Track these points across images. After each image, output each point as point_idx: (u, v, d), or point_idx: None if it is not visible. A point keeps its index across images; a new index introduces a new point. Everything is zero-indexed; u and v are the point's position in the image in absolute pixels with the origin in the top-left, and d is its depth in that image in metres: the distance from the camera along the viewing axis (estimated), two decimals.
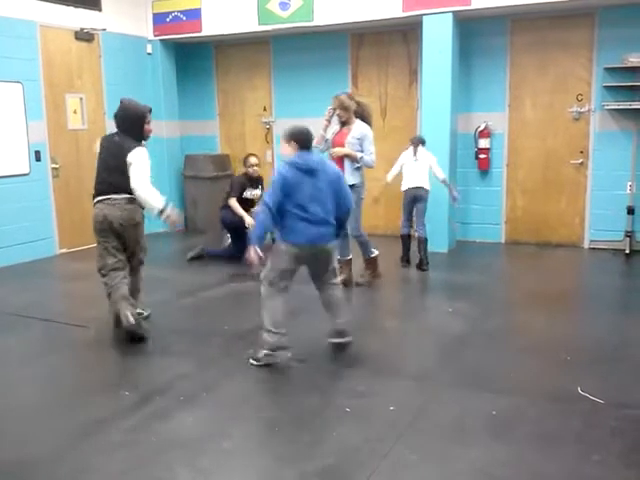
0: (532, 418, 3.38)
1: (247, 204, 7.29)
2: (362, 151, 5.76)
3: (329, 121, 5.91)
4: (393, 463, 2.97)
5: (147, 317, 5.12)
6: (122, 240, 4.83)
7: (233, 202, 7.19)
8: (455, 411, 3.48)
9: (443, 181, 6.80)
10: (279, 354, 4.10)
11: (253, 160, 7.35)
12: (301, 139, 4.13)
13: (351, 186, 5.80)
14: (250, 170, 7.31)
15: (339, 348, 4.30)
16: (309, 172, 4.05)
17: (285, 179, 4.00)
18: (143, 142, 4.84)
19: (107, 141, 4.92)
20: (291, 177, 4.01)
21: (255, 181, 7.43)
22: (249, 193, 7.34)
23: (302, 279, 4.35)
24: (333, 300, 4.31)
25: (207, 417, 3.47)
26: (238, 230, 7.19)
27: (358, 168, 5.82)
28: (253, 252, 3.94)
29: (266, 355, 4.09)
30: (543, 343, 4.52)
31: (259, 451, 3.17)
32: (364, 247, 6.07)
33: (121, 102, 4.88)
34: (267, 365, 4.07)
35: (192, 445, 3.16)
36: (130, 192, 4.70)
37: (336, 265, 4.38)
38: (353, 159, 5.76)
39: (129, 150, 4.69)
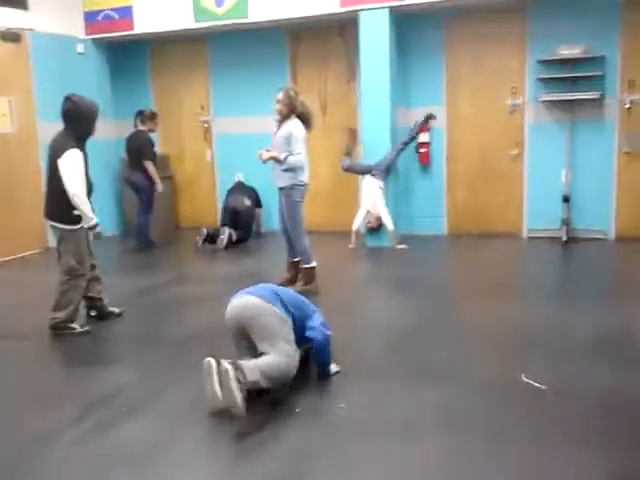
0: (479, 408, 3.40)
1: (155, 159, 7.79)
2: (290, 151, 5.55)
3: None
4: (344, 462, 2.94)
5: (120, 314, 5.16)
6: None
7: (151, 165, 7.66)
8: (405, 405, 3.48)
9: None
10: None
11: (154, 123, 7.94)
12: None
13: (280, 189, 5.73)
14: (155, 127, 7.93)
15: None
16: None
17: None
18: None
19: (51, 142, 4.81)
20: None
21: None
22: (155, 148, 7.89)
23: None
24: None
25: (152, 426, 3.36)
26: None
27: (288, 170, 5.57)
28: None
29: None
30: (486, 332, 4.58)
31: (208, 459, 3.09)
32: (301, 254, 5.77)
33: (69, 98, 4.72)
34: None
35: (137, 456, 3.05)
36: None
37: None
38: (277, 161, 5.58)
39: (57, 155, 4.62)
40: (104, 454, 3.09)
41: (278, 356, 3.52)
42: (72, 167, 4.60)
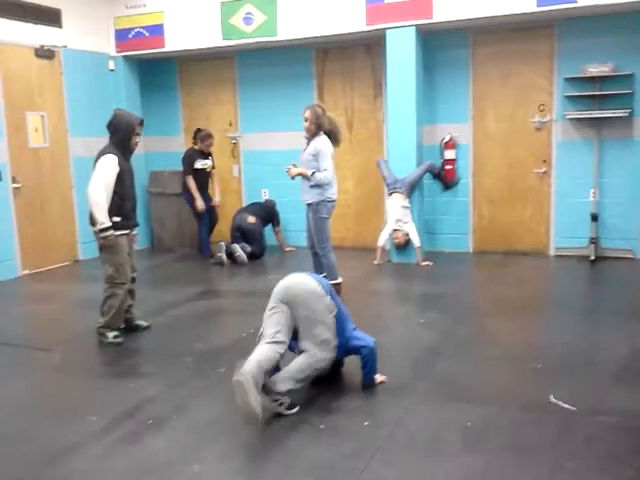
0: (506, 428, 3.37)
1: (201, 176, 8.11)
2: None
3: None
4: (369, 479, 2.94)
5: (147, 327, 5.26)
6: None
7: (190, 181, 8.03)
8: (430, 423, 3.47)
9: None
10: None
11: (212, 141, 8.26)
12: None
13: (308, 205, 5.78)
14: (205, 148, 8.18)
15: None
16: None
17: None
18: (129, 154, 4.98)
19: None
20: None
21: (205, 154, 8.22)
22: (200, 163, 8.11)
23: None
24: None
25: (178, 440, 3.39)
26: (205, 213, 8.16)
27: (315, 186, 5.65)
28: None
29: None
30: (514, 351, 4.54)
31: (233, 474, 3.10)
32: (328, 270, 5.83)
33: (114, 111, 4.98)
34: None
35: (163, 470, 3.08)
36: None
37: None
38: (305, 177, 5.67)
39: (98, 158, 4.82)
40: (129, 467, 3.12)
41: (311, 353, 3.66)
42: (100, 170, 4.78)
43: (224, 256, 7.80)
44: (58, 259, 7.99)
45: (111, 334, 4.93)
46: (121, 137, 4.88)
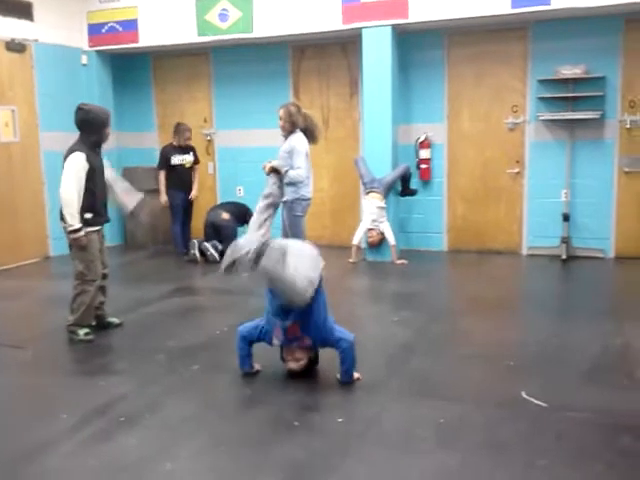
0: (479, 425, 3.39)
1: (179, 172, 8.00)
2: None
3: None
4: (343, 477, 2.93)
5: (119, 325, 5.19)
6: None
7: (160, 175, 7.99)
8: (404, 421, 3.47)
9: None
10: None
11: (188, 134, 8.10)
12: None
13: (282, 202, 5.73)
14: (182, 142, 8.04)
15: None
16: None
17: None
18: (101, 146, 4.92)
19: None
20: None
21: (183, 149, 8.06)
22: (177, 159, 7.98)
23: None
24: None
25: (150, 438, 3.35)
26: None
27: (290, 184, 5.61)
28: None
29: None
30: (486, 349, 4.57)
31: (205, 471, 3.07)
32: None
33: (81, 108, 4.86)
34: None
35: (135, 468, 3.04)
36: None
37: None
38: (278, 173, 5.61)
39: (66, 156, 4.75)
40: (100, 465, 3.07)
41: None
42: (69, 168, 4.71)
43: (197, 253, 7.75)
44: (28, 255, 7.84)
45: (82, 331, 4.86)
46: (96, 132, 4.80)
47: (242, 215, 8.27)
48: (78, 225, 4.70)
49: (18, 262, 7.68)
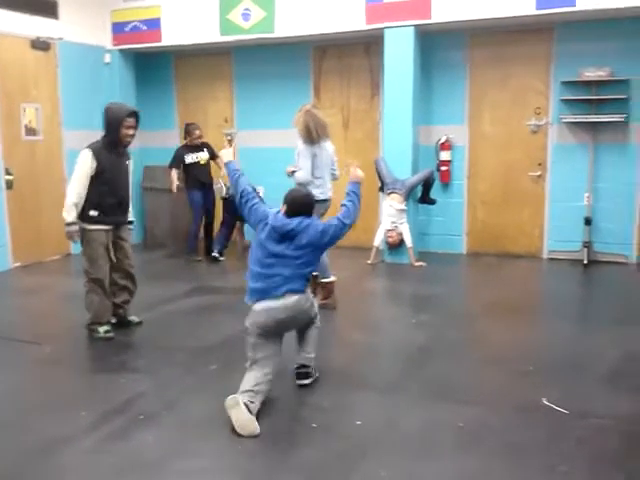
0: (498, 429, 3.37)
1: (195, 170, 7.96)
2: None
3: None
4: (361, 479, 2.92)
5: (139, 323, 5.21)
6: None
7: (172, 172, 7.97)
8: (422, 424, 3.46)
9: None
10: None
11: (198, 132, 8.05)
12: (291, 206, 3.84)
13: None
14: (190, 141, 8.03)
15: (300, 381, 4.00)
16: (282, 237, 3.77)
17: (266, 228, 3.79)
18: (122, 147, 4.93)
19: None
20: (265, 234, 3.79)
21: (196, 147, 8.03)
22: (190, 157, 7.96)
23: None
24: (308, 338, 4.03)
25: (168, 436, 3.36)
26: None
27: (301, 185, 5.46)
28: None
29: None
30: (506, 353, 4.54)
31: (223, 471, 3.08)
32: (320, 269, 5.61)
33: (105, 107, 4.90)
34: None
35: (152, 466, 3.05)
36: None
37: (316, 310, 4.01)
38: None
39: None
40: (119, 462, 3.09)
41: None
42: (76, 167, 4.78)
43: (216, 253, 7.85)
44: (49, 252, 7.93)
45: (102, 329, 4.89)
46: (111, 132, 4.82)
47: None
48: (70, 219, 4.73)
49: (40, 258, 7.77)
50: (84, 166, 4.75)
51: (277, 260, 3.72)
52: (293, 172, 5.65)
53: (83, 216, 4.80)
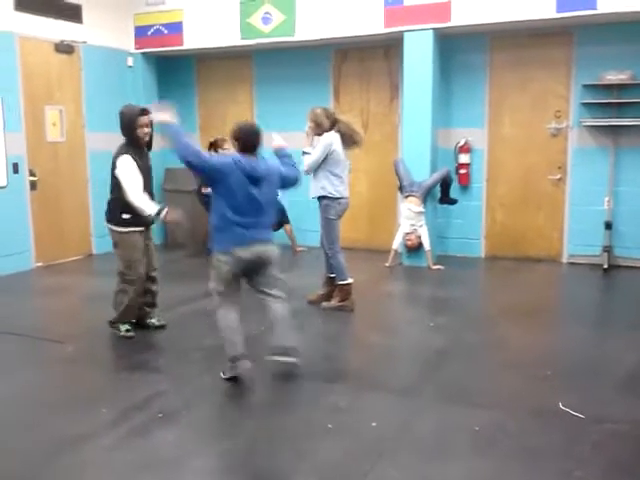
0: (514, 433, 3.37)
1: None
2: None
3: (310, 138, 5.73)
4: None
5: (160, 327, 5.23)
6: None
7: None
8: (438, 426, 3.47)
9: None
10: (240, 364, 3.97)
11: (227, 145, 7.83)
12: (244, 140, 3.97)
13: (318, 202, 5.74)
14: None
15: (283, 369, 4.08)
16: (253, 180, 3.93)
17: (231, 171, 3.89)
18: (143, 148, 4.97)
19: None
20: (235, 176, 3.89)
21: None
22: None
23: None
24: (276, 317, 4.14)
25: (186, 435, 3.41)
26: None
27: (321, 183, 5.57)
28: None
29: (230, 367, 4.00)
30: (524, 357, 4.53)
31: (239, 470, 3.12)
32: (337, 271, 5.73)
33: (119, 111, 4.95)
34: (233, 378, 4.00)
35: (171, 463, 3.10)
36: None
37: (280, 276, 4.22)
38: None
39: (114, 165, 4.82)
40: (138, 459, 3.15)
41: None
42: (123, 175, 4.76)
43: None
44: (72, 252, 8.06)
45: (123, 327, 4.97)
46: (127, 133, 4.85)
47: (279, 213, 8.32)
48: (152, 211, 4.70)
49: (62, 259, 7.89)
50: (132, 167, 4.77)
51: (251, 205, 3.92)
52: (304, 153, 5.67)
53: (117, 220, 4.86)
